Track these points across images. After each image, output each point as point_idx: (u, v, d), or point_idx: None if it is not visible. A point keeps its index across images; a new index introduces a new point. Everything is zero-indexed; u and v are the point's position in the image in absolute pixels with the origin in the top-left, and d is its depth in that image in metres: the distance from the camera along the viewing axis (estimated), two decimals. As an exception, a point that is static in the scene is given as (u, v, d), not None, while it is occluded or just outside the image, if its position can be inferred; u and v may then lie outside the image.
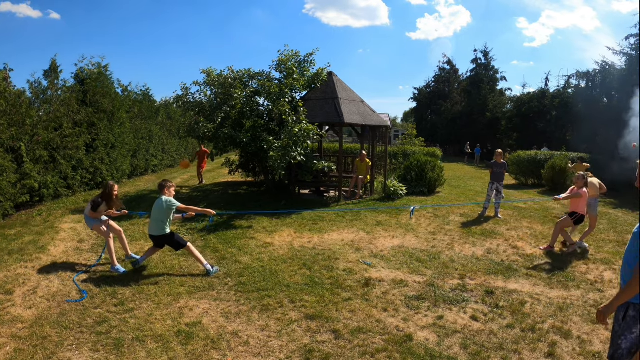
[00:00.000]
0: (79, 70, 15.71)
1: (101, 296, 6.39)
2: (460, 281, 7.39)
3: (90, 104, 15.38)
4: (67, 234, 9.82)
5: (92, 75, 15.90)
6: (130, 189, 16.29)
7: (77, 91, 15.01)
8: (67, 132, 13.59)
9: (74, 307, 6.03)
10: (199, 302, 6.26)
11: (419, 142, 29.43)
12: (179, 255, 8.18)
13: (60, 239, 9.41)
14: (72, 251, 8.61)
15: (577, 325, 5.81)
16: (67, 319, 5.67)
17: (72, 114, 14.16)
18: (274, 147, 12.16)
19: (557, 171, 18.95)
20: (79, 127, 14.36)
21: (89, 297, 6.34)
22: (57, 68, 14.27)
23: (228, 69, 14.81)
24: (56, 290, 6.62)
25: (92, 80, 15.68)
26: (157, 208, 7.29)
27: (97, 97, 15.65)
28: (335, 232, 10.36)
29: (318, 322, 5.69)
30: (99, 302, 6.19)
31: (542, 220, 12.41)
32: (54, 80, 14.09)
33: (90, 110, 15.14)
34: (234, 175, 18.15)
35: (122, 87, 19.76)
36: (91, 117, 15.10)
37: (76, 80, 15.56)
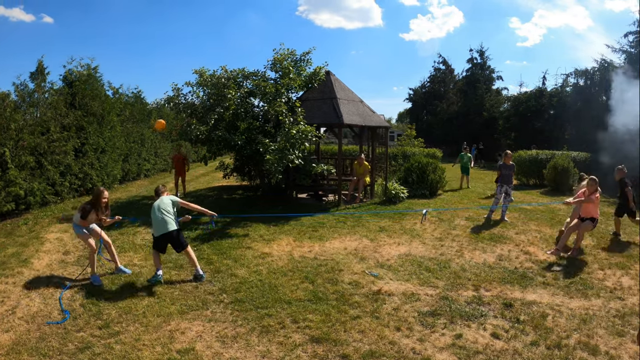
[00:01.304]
0: (68, 72, 15.15)
1: (85, 317, 5.82)
2: (475, 293, 6.92)
3: (79, 106, 14.80)
4: (53, 244, 9.26)
5: (81, 77, 15.33)
6: (121, 195, 15.72)
7: (66, 94, 14.45)
8: (54, 137, 13.01)
9: (55, 329, 5.47)
10: (191, 324, 5.67)
11: (418, 143, 28.99)
12: (170, 268, 7.63)
13: (44, 250, 8.85)
14: (57, 264, 8.04)
15: (604, 339, 5.45)
16: (46, 344, 5.12)
17: (60, 117, 13.60)
18: (271, 150, 11.65)
19: (559, 171, 18.54)
20: (67, 131, 13.78)
21: (72, 318, 5.78)
22: (44, 70, 13.71)
23: (221, 68, 14.28)
24: (37, 310, 6.06)
25: (81, 83, 15.10)
26: (163, 204, 7.18)
27: (86, 99, 15.07)
28: (336, 240, 9.84)
29: (325, 345, 5.13)
30: (82, 323, 5.62)
31: (550, 223, 12.00)
32: (40, 82, 13.53)
33: (79, 113, 14.56)
34: (228, 179, 17.64)
35: (113, 89, 19.23)
36: (80, 121, 14.52)
37: (64, 83, 15.00)
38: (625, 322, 5.99)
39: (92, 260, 7.19)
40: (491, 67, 47.59)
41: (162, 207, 7.12)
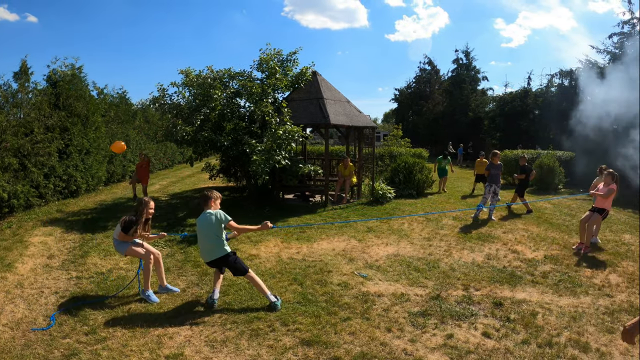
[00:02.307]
0: (52, 72, 14.88)
1: (70, 323, 5.65)
2: (465, 292, 6.90)
3: (63, 107, 14.54)
4: (37, 248, 9.04)
5: (65, 77, 15.07)
6: (106, 197, 15.50)
7: (49, 94, 14.19)
8: (38, 138, 12.76)
9: (41, 336, 5.31)
10: (179, 329, 5.54)
11: (404, 143, 29.01)
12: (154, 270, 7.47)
13: (29, 254, 8.63)
14: (41, 269, 7.83)
15: (594, 336, 5.49)
16: (32, 351, 4.96)
17: (44, 118, 13.34)
18: (257, 151, 11.54)
19: (545, 170, 18.66)
20: (51, 132, 13.53)
21: (57, 324, 5.61)
22: (27, 70, 13.44)
23: (207, 68, 14.11)
24: (21, 316, 5.88)
25: (65, 83, 14.84)
26: (205, 225, 6.14)
27: (71, 100, 14.81)
28: (324, 241, 9.77)
29: (316, 348, 5.05)
30: (67, 330, 5.46)
31: (537, 222, 12.07)
32: (24, 82, 13.27)
33: (63, 114, 14.31)
34: (214, 180, 17.49)
35: (98, 89, 18.97)
36: (64, 122, 14.27)
37: (48, 83, 14.73)
38: (615, 318, 6.02)
39: (147, 272, 6.52)
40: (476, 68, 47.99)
41: (202, 227, 6.20)
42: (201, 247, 6.32)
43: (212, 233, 6.12)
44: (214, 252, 6.16)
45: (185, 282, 7.15)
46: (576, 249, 9.39)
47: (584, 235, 9.45)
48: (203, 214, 6.24)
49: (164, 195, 16.28)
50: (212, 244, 6.14)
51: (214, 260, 6.20)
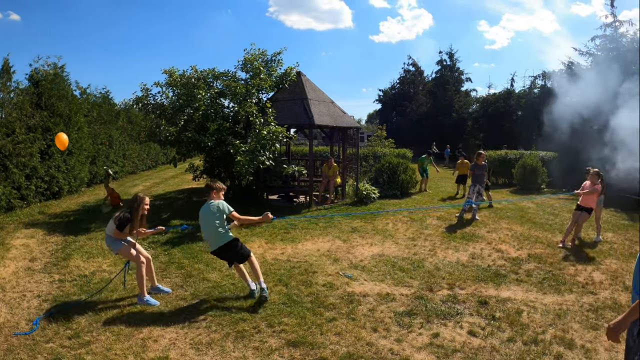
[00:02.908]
0: (34, 71, 14.60)
1: (53, 326, 5.53)
2: (450, 291, 6.91)
3: (46, 107, 14.28)
4: (19, 251, 8.86)
5: (48, 76, 14.80)
6: (89, 198, 15.28)
7: (32, 93, 13.94)
8: (20, 138, 12.52)
9: (23, 341, 5.18)
10: (164, 331, 5.46)
11: (388, 144, 29.08)
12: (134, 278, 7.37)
13: (10, 257, 8.46)
14: (23, 272, 7.66)
15: (579, 333, 5.55)
16: (15, 356, 4.85)
17: (26, 118, 13.10)
18: (241, 152, 11.47)
19: (528, 170, 18.83)
20: (33, 133, 13.28)
21: (40, 328, 5.49)
22: (9, 68, 13.21)
23: (191, 68, 13.99)
24: (3, 320, 5.73)
25: (47, 82, 14.58)
26: (207, 214, 6.30)
27: (53, 99, 14.55)
28: (309, 241, 9.73)
29: (302, 349, 5.01)
30: (51, 334, 5.34)
31: (520, 221, 12.15)
32: (6, 81, 13.03)
33: (45, 114, 14.06)
34: (198, 181, 17.32)
35: (80, 89, 18.69)
36: (46, 122, 14.02)
37: (30, 82, 14.44)
38: (599, 315, 6.08)
39: (140, 277, 6.34)
40: (460, 69, 48.28)
41: (204, 217, 6.34)
42: (206, 237, 6.48)
43: (214, 223, 6.23)
44: (220, 239, 6.26)
45: (170, 284, 7.06)
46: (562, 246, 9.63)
47: (569, 233, 9.84)
48: (206, 204, 6.38)
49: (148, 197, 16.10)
50: (217, 233, 6.25)
51: (220, 247, 6.29)
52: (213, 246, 6.38)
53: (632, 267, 8.09)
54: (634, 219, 13.12)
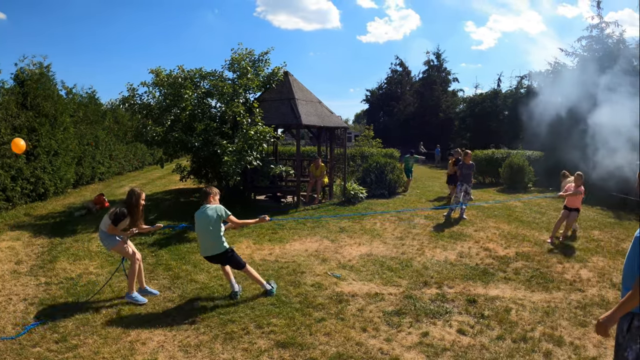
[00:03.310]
0: (19, 71, 14.36)
1: (40, 330, 5.44)
2: (439, 290, 6.92)
3: (31, 107, 14.06)
4: (4, 254, 8.70)
5: (33, 76, 14.57)
6: (75, 200, 15.09)
7: (17, 93, 13.70)
8: (5, 139, 12.33)
9: (10, 345, 5.08)
10: (152, 334, 5.39)
11: (376, 144, 29.11)
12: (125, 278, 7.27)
13: (-6, 260, 8.34)
14: (9, 275, 7.52)
15: (567, 330, 5.60)
16: (0, 361, 4.77)
17: (11, 118, 12.89)
18: (228, 152, 11.40)
19: (515, 169, 18.92)
20: (18, 133, 13.09)
21: (27, 332, 5.39)
22: (-5, 68, 13.02)
23: (178, 68, 13.86)
24: (-13, 324, 5.63)
25: (32, 82, 14.36)
26: (203, 219, 6.23)
27: (39, 99, 14.33)
28: (297, 242, 9.69)
29: (291, 350, 4.98)
30: (37, 338, 5.24)
31: (508, 220, 12.21)
32: (-9, 81, 12.82)
33: (30, 114, 13.85)
34: (185, 182, 17.23)
35: (66, 89, 18.43)
36: (32, 122, 13.81)
37: (15, 82, 14.20)
38: (587, 312, 6.13)
39: (133, 273, 6.33)
40: (447, 69, 48.39)
41: (200, 221, 6.26)
42: (200, 241, 6.43)
43: (210, 228, 6.20)
44: (213, 248, 6.26)
45: (157, 286, 6.98)
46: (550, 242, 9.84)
47: (556, 230, 10.08)
48: (202, 208, 6.34)
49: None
50: (211, 240, 6.24)
51: (212, 256, 6.34)
52: (204, 252, 6.40)
53: (619, 264, 8.23)
54: (620, 216, 13.26)
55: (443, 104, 44.55)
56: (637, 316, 3.19)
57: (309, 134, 17.65)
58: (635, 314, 3.19)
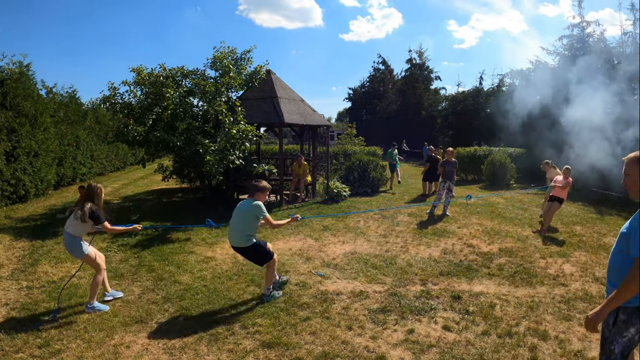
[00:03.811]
0: (-2, 70, 14.11)
1: (22, 335, 5.27)
2: (423, 287, 6.93)
3: (10, 107, 13.75)
4: (-18, 257, 8.54)
5: (13, 75, 14.28)
6: (56, 201, 14.86)
7: (-4, 93, 13.46)
8: (-16, 139, 12.10)
9: (-11, 351, 4.96)
10: (136, 337, 5.29)
11: (359, 142, 29.14)
12: (111, 278, 7.12)
13: (-27, 264, 8.14)
14: (-13, 279, 7.37)
15: (552, 324, 5.65)
16: (-21, 368, 4.65)
17: (-10, 118, 12.66)
18: (211, 151, 11.30)
19: (497, 166, 19.08)
20: (-3, 133, 12.85)
21: (10, 338, 5.23)
22: (-28, 68, 12.75)
23: (160, 66, 13.68)
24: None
25: (12, 81, 14.06)
26: (241, 211, 6.31)
27: (18, 99, 14.03)
28: (280, 241, 9.65)
29: (277, 350, 4.93)
30: (20, 343, 5.10)
31: (490, 216, 12.30)
32: (-31, 81, 12.56)
33: (10, 114, 13.55)
34: (168, 182, 17.08)
35: (47, 88, 18.16)
36: (11, 122, 13.52)
37: (-6, 81, 13.96)
38: (571, 306, 6.19)
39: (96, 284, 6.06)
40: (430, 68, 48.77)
41: (236, 213, 6.36)
42: (229, 229, 6.44)
43: (242, 222, 6.27)
44: (237, 240, 6.30)
45: (140, 288, 6.88)
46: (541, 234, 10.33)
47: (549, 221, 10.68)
48: (246, 201, 6.39)
49: (116, 198, 15.80)
50: (238, 233, 6.28)
51: (236, 247, 6.40)
52: (230, 241, 6.48)
53: (601, 259, 8.34)
54: (602, 212, 13.44)
55: (425, 102, 44.83)
56: (622, 310, 3.22)
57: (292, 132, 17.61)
58: (621, 307, 3.22)
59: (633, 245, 3.06)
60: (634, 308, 3.19)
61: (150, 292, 6.70)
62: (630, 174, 3.25)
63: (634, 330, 3.21)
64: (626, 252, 3.14)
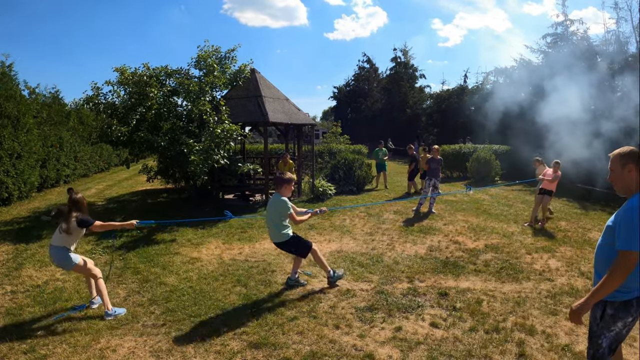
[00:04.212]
0: (-21, 71, 13.89)
1: (7, 341, 5.16)
2: (410, 284, 6.93)
3: (-7, 108, 13.59)
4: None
5: (-5, 75, 14.10)
6: (40, 204, 14.62)
7: (-23, 94, 13.23)
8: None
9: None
10: (122, 340, 5.20)
11: (344, 140, 29.15)
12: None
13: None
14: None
15: (539, 319, 5.68)
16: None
17: (-28, 120, 12.43)
18: (195, 151, 11.21)
19: (482, 163, 19.19)
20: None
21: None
22: (-47, 68, 12.51)
23: (143, 65, 13.53)
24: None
25: (-6, 82, 13.88)
26: (271, 207, 6.57)
27: (1, 100, 13.80)
28: (266, 240, 9.56)
29: (265, 350, 4.89)
30: (5, 349, 4.99)
31: (476, 212, 12.37)
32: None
33: (-8, 115, 13.38)
34: (152, 182, 16.91)
35: (29, 89, 17.90)
36: (-7, 124, 13.35)
37: (-24, 82, 13.73)
38: (557, 301, 6.25)
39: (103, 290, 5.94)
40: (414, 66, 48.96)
41: (269, 208, 6.62)
42: (267, 226, 6.79)
43: (273, 218, 6.50)
44: (276, 236, 6.59)
45: (126, 291, 6.79)
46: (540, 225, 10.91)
47: (543, 213, 11.11)
48: (274, 196, 6.58)
49: (101, 200, 15.61)
50: (273, 229, 6.56)
51: (276, 243, 6.67)
52: (272, 239, 6.73)
53: (587, 253, 8.46)
54: (586, 207, 13.59)
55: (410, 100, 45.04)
56: (609, 304, 3.26)
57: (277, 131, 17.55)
58: (608, 302, 3.26)
59: (617, 238, 3.13)
60: (620, 302, 3.23)
61: (135, 294, 6.62)
62: (615, 170, 3.34)
63: (622, 324, 3.26)
64: (612, 245, 3.20)
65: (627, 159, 3.26)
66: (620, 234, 3.11)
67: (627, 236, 3.07)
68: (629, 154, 3.26)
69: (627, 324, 3.27)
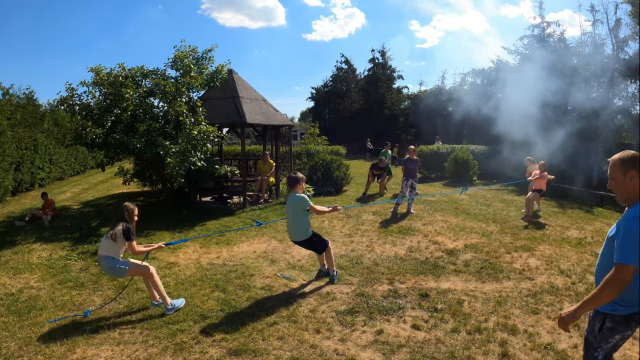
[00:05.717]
0: (-49, 72, 13.49)
1: None
2: (391, 286, 6.89)
3: (-35, 109, 13.19)
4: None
5: (-33, 77, 13.70)
6: (14, 208, 14.26)
7: (-51, 95, 12.85)
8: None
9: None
10: (99, 349, 5.05)
11: (322, 141, 29.08)
12: (70, 288, 6.88)
13: None
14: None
15: (520, 319, 5.70)
16: None
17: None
18: (171, 153, 11.04)
19: (460, 163, 19.28)
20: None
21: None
22: None
23: (119, 66, 13.27)
24: None
25: (-33, 83, 13.47)
26: (291, 206, 6.84)
27: (-28, 102, 13.47)
28: (245, 243, 9.48)
29: (244, 357, 4.79)
30: None
31: (454, 212, 12.40)
32: None
33: (-36, 118, 12.99)
34: (129, 185, 16.62)
35: (3, 89, 17.48)
36: (-34, 125, 12.95)
37: (-52, 83, 13.31)
38: (538, 300, 6.28)
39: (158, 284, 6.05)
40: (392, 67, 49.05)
41: (288, 208, 6.91)
42: (288, 226, 7.08)
43: (295, 216, 6.79)
44: (298, 235, 6.86)
45: (102, 297, 6.64)
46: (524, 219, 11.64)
47: (529, 208, 11.83)
48: (291, 196, 6.92)
49: (76, 204, 15.27)
50: (297, 227, 6.83)
51: (297, 241, 6.97)
52: (291, 237, 7.08)
53: (565, 251, 8.53)
54: (564, 206, 13.74)
55: (388, 100, 45.17)
56: (609, 317, 3.17)
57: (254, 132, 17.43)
58: (608, 314, 3.17)
59: (615, 249, 3.00)
60: (621, 316, 3.14)
61: (112, 302, 6.46)
62: (615, 178, 3.16)
63: (619, 337, 3.19)
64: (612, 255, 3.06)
65: (628, 166, 3.07)
66: (618, 246, 2.97)
67: (624, 248, 2.92)
68: (630, 160, 3.06)
69: (625, 337, 3.20)
